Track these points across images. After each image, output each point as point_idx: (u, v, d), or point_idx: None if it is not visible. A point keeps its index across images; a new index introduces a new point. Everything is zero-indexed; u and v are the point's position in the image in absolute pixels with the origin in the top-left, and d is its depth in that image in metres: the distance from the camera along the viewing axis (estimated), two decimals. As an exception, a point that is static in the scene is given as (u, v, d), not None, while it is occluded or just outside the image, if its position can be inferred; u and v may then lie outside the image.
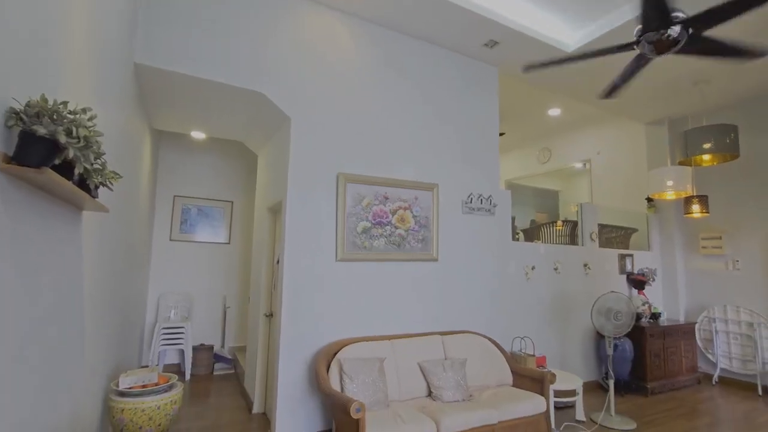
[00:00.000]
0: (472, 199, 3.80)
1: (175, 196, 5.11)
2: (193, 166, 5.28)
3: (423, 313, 3.47)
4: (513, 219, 5.33)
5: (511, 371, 3.33)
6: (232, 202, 5.43)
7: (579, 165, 6.71)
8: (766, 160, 4.64)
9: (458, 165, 3.80)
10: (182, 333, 4.59)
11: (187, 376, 4.56)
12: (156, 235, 4.97)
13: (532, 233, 5.20)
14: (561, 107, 5.80)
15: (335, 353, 2.88)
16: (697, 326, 5.08)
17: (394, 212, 3.38)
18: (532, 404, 2.91)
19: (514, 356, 3.68)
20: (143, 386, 2.35)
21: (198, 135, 4.73)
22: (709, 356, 5.01)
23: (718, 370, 4.91)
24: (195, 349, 4.72)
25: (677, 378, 4.63)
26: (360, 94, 3.38)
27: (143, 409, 2.20)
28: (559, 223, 5.07)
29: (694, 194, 4.98)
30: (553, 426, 3.24)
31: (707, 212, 4.89)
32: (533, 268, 4.22)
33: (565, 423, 3.50)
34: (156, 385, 2.38)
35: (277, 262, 3.49)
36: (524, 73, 2.76)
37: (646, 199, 5.49)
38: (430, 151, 3.66)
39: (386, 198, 3.36)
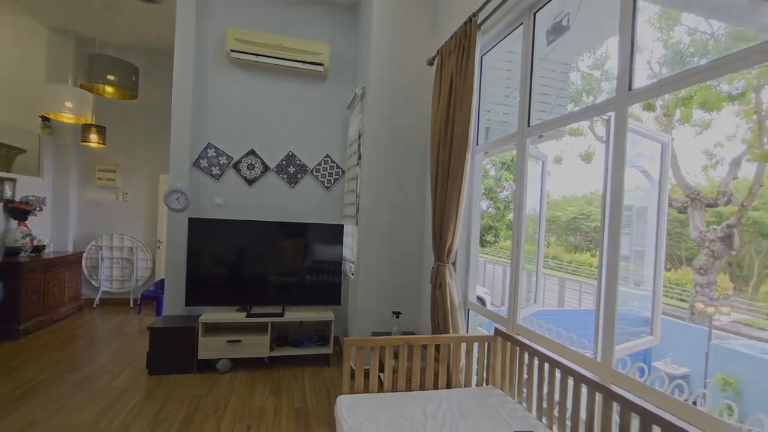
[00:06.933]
0: None
1: None
2: None
3: None
4: None
5: None
6: None
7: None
8: (157, 106, 5.31)
9: None
10: None
11: None
12: None
13: None
14: None
15: None
16: (84, 255, 5.11)
17: None
18: None
19: None
20: None
21: None
22: (93, 282, 5.22)
23: (100, 294, 5.23)
24: None
25: (58, 310, 4.43)
26: None
27: None
28: None
29: (94, 123, 4.89)
30: None
31: (104, 144, 4.97)
32: None
33: None
34: None
35: None
36: None
37: (40, 116, 4.72)
38: None
39: None
